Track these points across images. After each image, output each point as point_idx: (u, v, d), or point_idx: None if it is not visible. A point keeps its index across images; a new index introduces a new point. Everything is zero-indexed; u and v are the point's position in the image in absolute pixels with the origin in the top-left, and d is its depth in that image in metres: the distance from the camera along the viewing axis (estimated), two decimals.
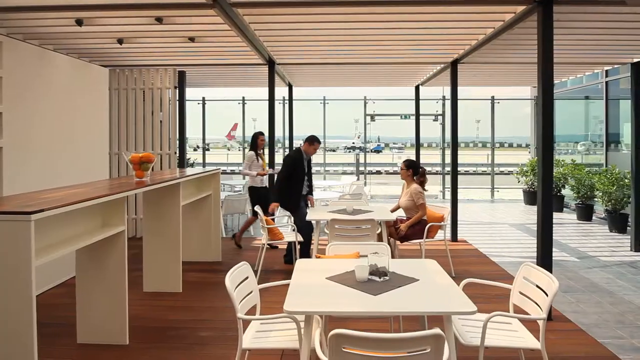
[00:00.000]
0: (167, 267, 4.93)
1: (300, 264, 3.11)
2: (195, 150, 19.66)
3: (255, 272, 5.39)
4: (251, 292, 2.93)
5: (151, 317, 4.30)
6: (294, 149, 6.08)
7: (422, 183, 5.57)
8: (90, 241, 3.36)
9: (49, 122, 5.36)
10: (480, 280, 3.09)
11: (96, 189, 3.69)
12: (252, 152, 6.83)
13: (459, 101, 7.62)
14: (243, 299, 2.81)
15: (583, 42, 6.26)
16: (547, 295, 2.68)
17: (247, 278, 2.92)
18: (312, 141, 5.86)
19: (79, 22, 4.88)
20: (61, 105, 5.59)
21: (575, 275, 5.96)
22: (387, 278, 2.72)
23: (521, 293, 2.94)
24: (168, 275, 4.93)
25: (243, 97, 14.39)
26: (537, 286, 2.82)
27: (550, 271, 4.10)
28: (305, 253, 5.54)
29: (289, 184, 5.77)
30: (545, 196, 4.16)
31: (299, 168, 5.81)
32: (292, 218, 5.69)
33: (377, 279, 2.71)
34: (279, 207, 5.84)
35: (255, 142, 6.88)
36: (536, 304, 2.77)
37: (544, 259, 4.19)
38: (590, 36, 5.94)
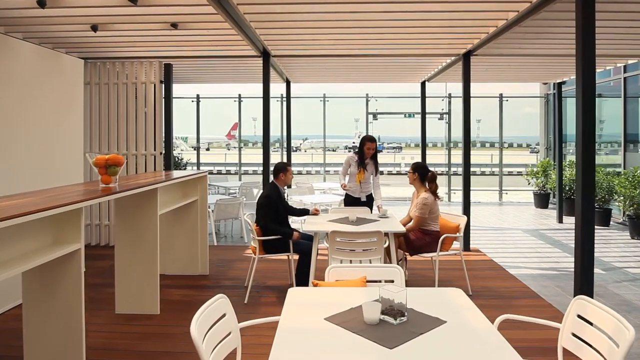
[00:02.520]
0: (142, 285, 4.27)
1: (293, 294, 2.47)
2: (195, 149, 19.04)
3: (246, 288, 4.75)
4: (230, 333, 2.29)
5: (119, 347, 3.65)
6: (269, 182, 5.12)
7: (433, 190, 4.87)
8: (36, 263, 2.72)
9: (15, 118, 4.71)
10: (520, 317, 2.45)
11: (48, 198, 3.04)
12: (351, 155, 5.68)
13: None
14: (218, 343, 2.18)
15: (614, 30, 5.61)
16: (613, 341, 2.04)
17: (224, 315, 2.28)
18: (285, 168, 4.93)
19: (41, 3, 4.23)
20: (27, 99, 4.93)
21: (605, 291, 5.32)
22: (404, 319, 2.08)
23: (574, 335, 2.29)
24: (143, 295, 4.27)
25: (239, 95, 13.73)
26: (595, 326, 2.19)
27: (592, 296, 3.45)
28: (305, 269, 4.56)
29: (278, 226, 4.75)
30: (586, 210, 3.44)
31: (280, 206, 4.88)
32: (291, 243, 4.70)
33: (392, 320, 2.07)
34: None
35: (361, 149, 5.56)
36: (598, 352, 2.12)
37: (584, 287, 3.52)
38: (624, 22, 5.29)
